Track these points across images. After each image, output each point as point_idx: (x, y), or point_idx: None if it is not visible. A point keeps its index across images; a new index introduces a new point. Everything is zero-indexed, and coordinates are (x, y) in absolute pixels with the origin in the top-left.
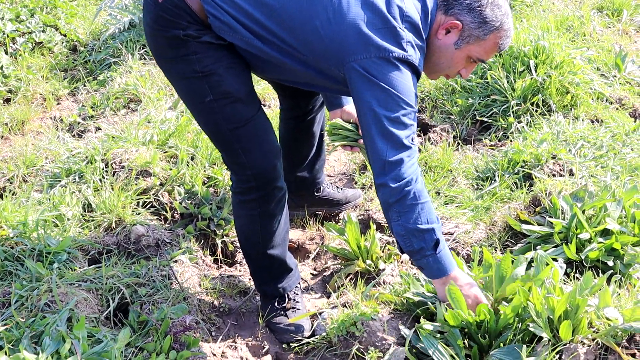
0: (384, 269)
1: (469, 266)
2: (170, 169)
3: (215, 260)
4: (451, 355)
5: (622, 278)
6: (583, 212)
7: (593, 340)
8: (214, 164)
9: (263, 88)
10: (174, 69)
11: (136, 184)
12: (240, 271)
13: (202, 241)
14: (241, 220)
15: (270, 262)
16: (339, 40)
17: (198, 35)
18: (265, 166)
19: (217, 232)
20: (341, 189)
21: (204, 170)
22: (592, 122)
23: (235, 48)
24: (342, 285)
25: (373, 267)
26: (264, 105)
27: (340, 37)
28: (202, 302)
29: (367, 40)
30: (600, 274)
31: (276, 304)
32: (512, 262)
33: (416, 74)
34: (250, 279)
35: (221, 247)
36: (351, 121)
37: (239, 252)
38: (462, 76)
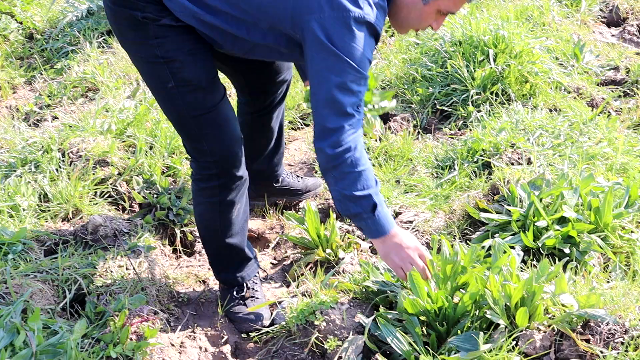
0: (343, 258)
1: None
2: (129, 159)
3: (174, 250)
4: (409, 343)
5: (578, 265)
6: (540, 200)
7: (549, 326)
8: (173, 153)
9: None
10: (136, 52)
11: (94, 174)
12: (199, 261)
13: (161, 231)
14: (200, 208)
15: (229, 250)
16: (293, 1)
17: (157, 17)
18: (226, 153)
19: (176, 221)
20: (301, 178)
21: (163, 160)
22: (551, 111)
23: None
24: (301, 274)
25: (333, 256)
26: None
27: None
28: (161, 292)
29: None
30: (557, 261)
31: (235, 292)
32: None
33: (374, 35)
34: (209, 268)
35: (180, 237)
36: None
37: (198, 242)
38: (434, 29)
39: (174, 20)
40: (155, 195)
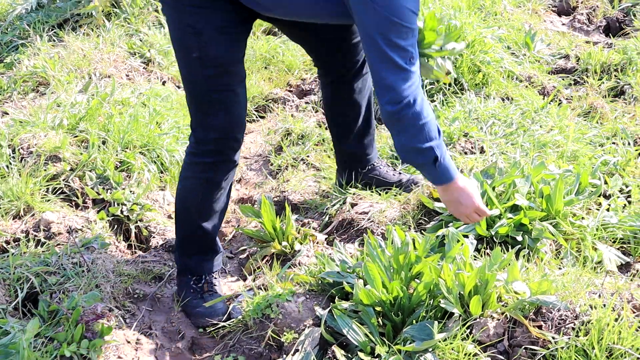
0: (299, 250)
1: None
2: (81, 154)
3: (129, 246)
4: (365, 334)
5: (530, 252)
6: (493, 188)
7: (502, 314)
8: (127, 148)
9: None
10: (171, 15)
11: (45, 170)
12: (155, 256)
13: (115, 227)
14: (186, 182)
15: (200, 234)
16: None
17: None
18: (229, 134)
19: (131, 217)
20: (399, 172)
21: (116, 155)
22: (503, 100)
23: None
24: (258, 267)
25: (289, 249)
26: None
27: None
28: (116, 289)
29: None
30: (510, 249)
31: (193, 283)
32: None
33: None
34: (165, 263)
35: (135, 233)
36: None
37: (154, 237)
38: None
39: None
40: (109, 191)
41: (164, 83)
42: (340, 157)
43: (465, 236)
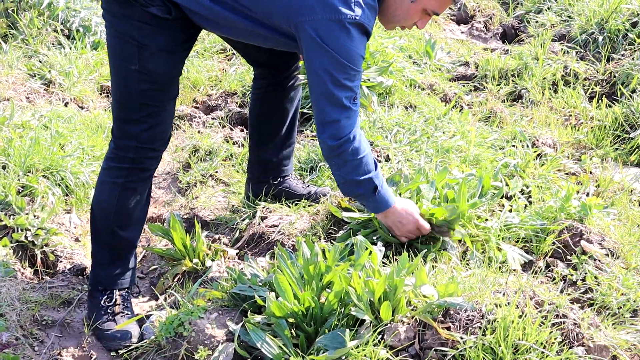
0: (210, 267)
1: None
2: None
3: (36, 272)
4: (279, 346)
5: (437, 256)
6: (400, 195)
7: (412, 318)
8: (29, 172)
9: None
10: (114, 25)
11: None
12: (63, 281)
13: (20, 253)
14: (102, 187)
15: (115, 242)
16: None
17: (146, 3)
18: (151, 145)
19: (36, 242)
20: (308, 185)
21: (18, 179)
22: (407, 108)
23: (185, 12)
24: (169, 286)
25: (200, 266)
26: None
27: None
28: (23, 316)
29: (315, 0)
30: (418, 253)
31: (103, 303)
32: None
33: (365, 33)
34: (74, 288)
35: (41, 258)
36: None
37: (61, 262)
38: (419, 27)
39: (161, 12)
40: (11, 217)
41: (66, 104)
42: (255, 166)
43: (374, 243)
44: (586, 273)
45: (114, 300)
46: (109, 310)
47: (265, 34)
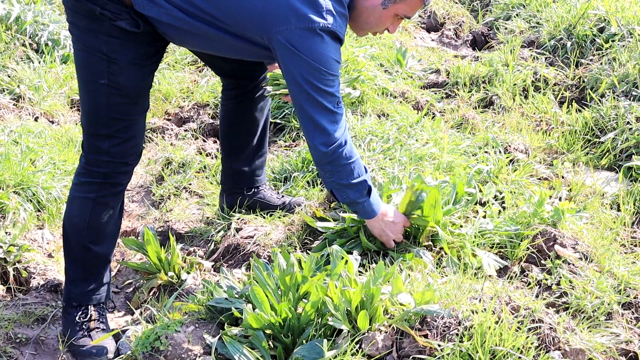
0: (186, 280)
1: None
2: None
3: (8, 289)
4: (257, 358)
5: (412, 264)
6: None
7: (389, 326)
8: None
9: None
10: (81, 39)
11: None
12: (36, 297)
13: None
14: (73, 202)
15: (88, 258)
16: (260, 11)
17: (114, 17)
18: (123, 159)
19: (8, 259)
20: (282, 195)
21: None
22: (379, 116)
23: (155, 25)
24: (145, 300)
25: (176, 279)
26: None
27: (261, 7)
28: None
29: (288, 10)
30: (394, 261)
31: (78, 319)
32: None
33: (337, 40)
34: (47, 304)
35: (14, 275)
36: None
37: (34, 278)
38: (390, 31)
39: (130, 25)
40: None
41: (36, 119)
42: (228, 177)
43: (350, 252)
44: (561, 277)
45: (88, 315)
46: (84, 326)
47: (239, 45)
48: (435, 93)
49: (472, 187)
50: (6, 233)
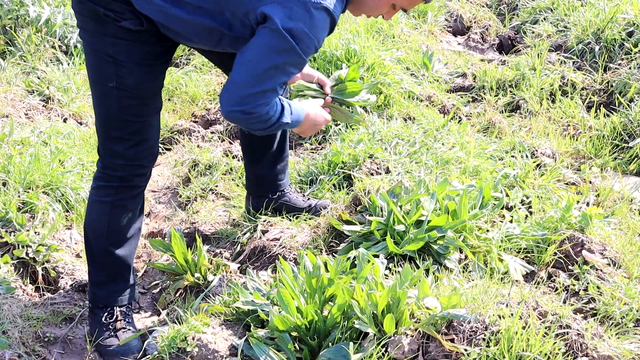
0: (212, 281)
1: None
2: None
3: (37, 289)
4: None
5: (439, 267)
6: (400, 207)
7: (415, 330)
8: (29, 189)
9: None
10: (90, 43)
11: None
12: (64, 297)
13: (21, 270)
14: (92, 208)
15: (111, 261)
16: None
17: (117, 18)
18: (139, 162)
19: (37, 258)
20: (308, 198)
21: (18, 196)
22: (405, 120)
23: (156, 25)
24: (171, 301)
25: (202, 280)
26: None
27: None
28: (25, 333)
29: None
30: (420, 264)
31: (104, 319)
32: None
33: (330, 22)
34: (75, 304)
35: (42, 274)
36: (313, 82)
37: (62, 278)
38: (384, 18)
39: (134, 25)
40: (12, 234)
41: (65, 120)
42: (251, 182)
43: (376, 256)
44: (588, 283)
45: (114, 316)
46: (110, 327)
47: (235, 35)
48: (462, 97)
49: (498, 191)
50: (35, 233)
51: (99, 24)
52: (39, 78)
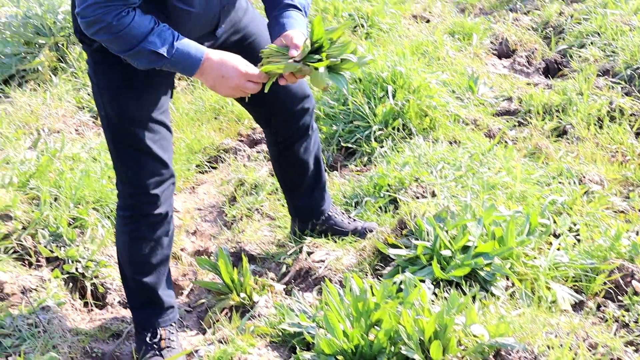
0: (258, 301)
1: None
2: (33, 212)
3: (86, 304)
4: None
5: (486, 294)
6: (447, 232)
7: (462, 358)
8: (79, 204)
9: None
10: (88, 73)
11: None
12: (112, 313)
13: (71, 285)
14: (116, 237)
15: (139, 288)
16: None
17: (90, 41)
18: (143, 189)
19: (86, 274)
20: (353, 219)
21: (69, 211)
22: (451, 143)
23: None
24: (217, 320)
25: (247, 300)
26: None
27: None
28: (73, 348)
29: None
30: (468, 291)
31: (148, 339)
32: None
33: None
34: (123, 320)
35: (91, 290)
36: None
37: (110, 293)
38: None
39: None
40: (62, 248)
41: None
42: (292, 209)
43: (422, 281)
44: (639, 315)
45: (158, 336)
46: (154, 346)
47: None
48: (507, 121)
49: (546, 218)
50: (85, 248)
51: (85, 50)
52: (89, 94)
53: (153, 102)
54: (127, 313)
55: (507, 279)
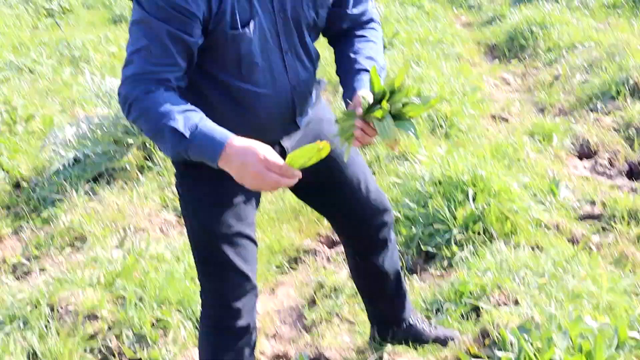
0: None
1: None
2: (118, 312)
3: None
4: None
5: None
6: (531, 344)
7: None
8: (162, 304)
9: None
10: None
11: (83, 329)
12: None
13: None
14: (199, 342)
15: None
16: None
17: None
18: (224, 301)
19: None
20: (435, 327)
21: (153, 312)
22: (533, 248)
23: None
24: None
25: None
26: None
27: None
28: None
29: None
30: None
31: None
32: None
33: None
34: None
35: None
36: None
37: None
38: None
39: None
40: (145, 350)
41: None
42: (373, 317)
43: None
44: None
45: None
46: None
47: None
48: (591, 225)
49: (635, 330)
50: (167, 350)
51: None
52: (173, 194)
53: (238, 216)
54: None
55: None
